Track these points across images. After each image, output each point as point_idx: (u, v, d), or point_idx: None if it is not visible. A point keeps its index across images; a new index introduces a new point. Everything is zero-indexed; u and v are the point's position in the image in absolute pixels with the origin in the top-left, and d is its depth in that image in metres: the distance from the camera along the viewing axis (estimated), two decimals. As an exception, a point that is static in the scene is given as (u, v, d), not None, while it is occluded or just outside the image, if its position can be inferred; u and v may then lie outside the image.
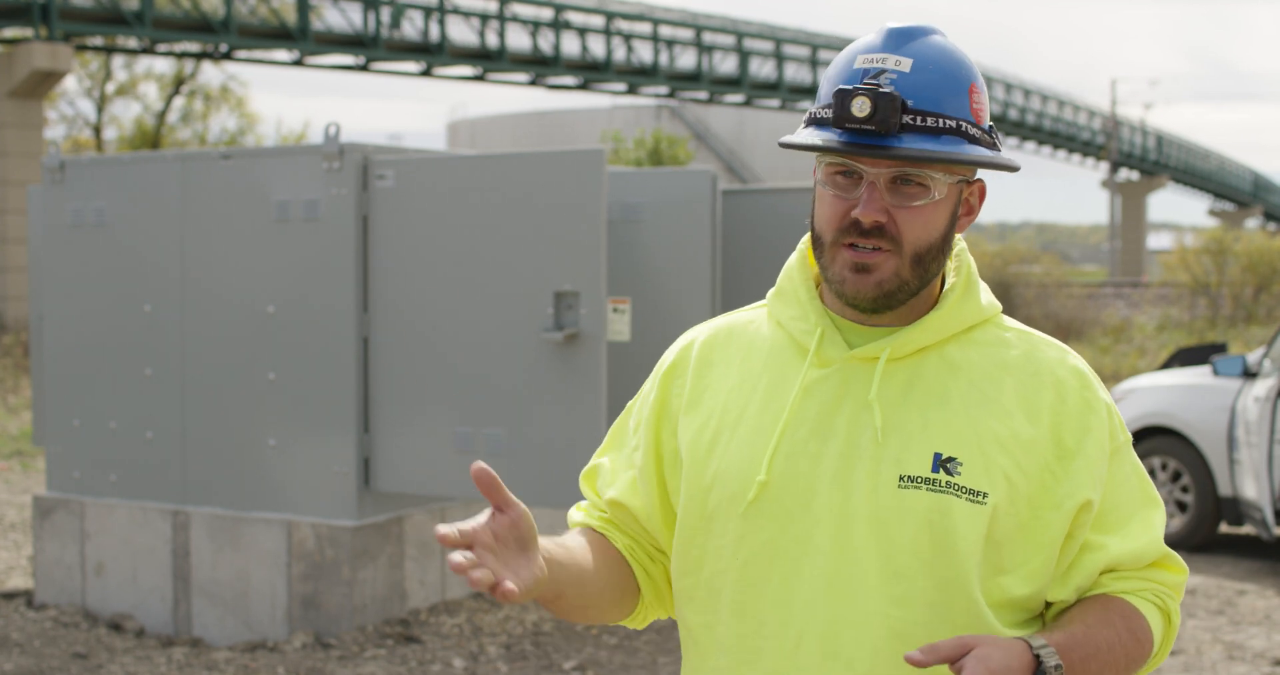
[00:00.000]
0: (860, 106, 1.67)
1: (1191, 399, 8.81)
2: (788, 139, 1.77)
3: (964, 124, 1.71)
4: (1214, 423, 8.59)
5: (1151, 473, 8.94)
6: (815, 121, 1.75)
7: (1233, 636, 6.79)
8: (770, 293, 1.90)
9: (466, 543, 1.56)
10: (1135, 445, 8.93)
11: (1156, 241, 73.62)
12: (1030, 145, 52.01)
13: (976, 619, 1.71)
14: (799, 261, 1.87)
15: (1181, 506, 8.86)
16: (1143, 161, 59.00)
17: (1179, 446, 8.82)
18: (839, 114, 1.69)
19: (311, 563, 6.26)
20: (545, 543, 1.72)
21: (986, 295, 1.84)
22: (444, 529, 1.54)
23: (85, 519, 6.83)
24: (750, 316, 1.92)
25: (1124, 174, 59.55)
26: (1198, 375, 8.93)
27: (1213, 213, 71.71)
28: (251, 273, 6.41)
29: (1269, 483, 7.94)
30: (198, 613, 6.54)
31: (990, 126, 1.77)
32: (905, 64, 1.70)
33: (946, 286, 1.83)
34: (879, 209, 1.70)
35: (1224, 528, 9.39)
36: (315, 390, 6.27)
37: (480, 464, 1.59)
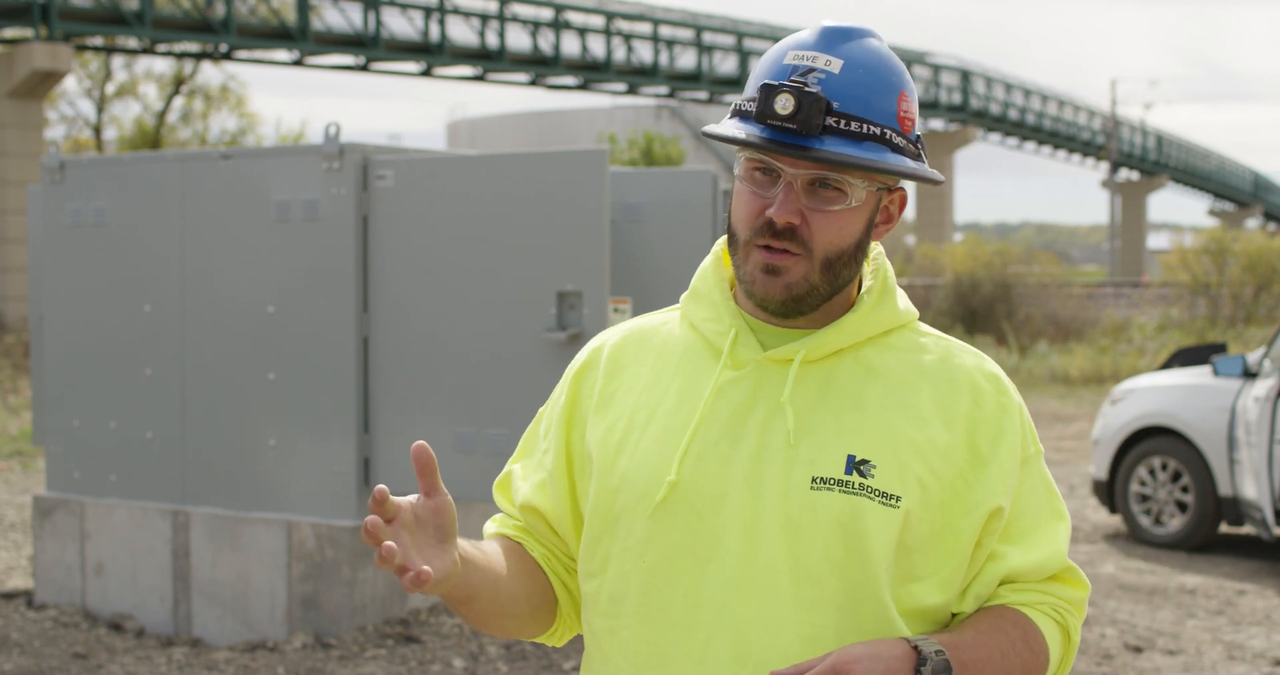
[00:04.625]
0: (784, 104, 1.64)
1: (1191, 399, 8.81)
2: (711, 128, 1.74)
3: (888, 131, 1.68)
4: (1214, 423, 8.59)
5: (1151, 473, 8.94)
6: (739, 113, 1.72)
7: (1233, 636, 6.78)
8: (684, 295, 1.86)
9: (389, 515, 1.57)
10: (1135, 445, 8.98)
11: (1156, 241, 73.63)
12: (1030, 145, 52.01)
13: (886, 625, 1.68)
14: (714, 263, 1.84)
15: (1181, 506, 8.86)
16: (1143, 161, 59.01)
17: (1179, 446, 8.82)
18: (762, 109, 1.66)
19: (311, 563, 6.26)
20: (462, 542, 1.69)
21: (904, 301, 1.81)
22: (381, 488, 1.56)
23: (85, 519, 6.83)
24: (663, 318, 1.89)
25: (1124, 174, 59.55)
26: (1198, 375, 8.92)
27: (1213, 213, 71.73)
28: (251, 273, 6.41)
29: (1269, 483, 7.94)
30: (198, 613, 6.54)
31: (917, 137, 1.74)
32: (835, 64, 1.67)
33: (863, 290, 1.80)
34: (793, 210, 1.68)
35: (1224, 528, 9.39)
36: (315, 390, 6.27)
37: (421, 443, 1.59)
